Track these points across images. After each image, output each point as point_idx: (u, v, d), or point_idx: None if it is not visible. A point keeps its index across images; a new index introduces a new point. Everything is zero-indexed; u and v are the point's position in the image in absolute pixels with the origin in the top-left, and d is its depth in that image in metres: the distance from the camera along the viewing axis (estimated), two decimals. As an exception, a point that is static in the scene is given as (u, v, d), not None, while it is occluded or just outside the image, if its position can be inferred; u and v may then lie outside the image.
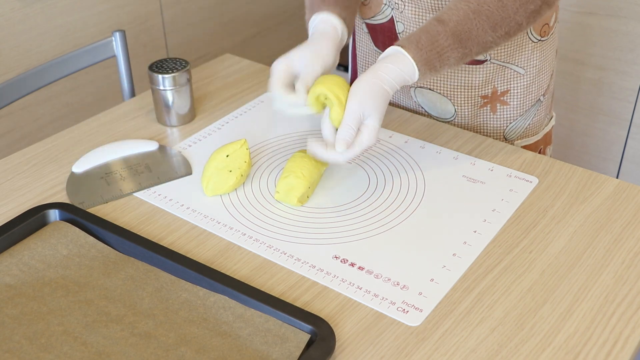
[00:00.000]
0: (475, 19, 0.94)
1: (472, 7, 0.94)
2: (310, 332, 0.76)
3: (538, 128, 1.22)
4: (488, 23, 0.94)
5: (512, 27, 0.96)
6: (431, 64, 0.94)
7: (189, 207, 0.98)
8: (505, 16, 0.95)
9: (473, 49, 0.95)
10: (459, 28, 0.94)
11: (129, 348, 0.74)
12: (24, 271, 0.84)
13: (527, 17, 0.96)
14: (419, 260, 0.88)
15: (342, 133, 0.91)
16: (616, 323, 0.79)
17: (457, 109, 1.16)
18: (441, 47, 0.93)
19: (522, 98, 1.16)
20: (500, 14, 0.94)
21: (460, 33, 0.94)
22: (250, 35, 2.46)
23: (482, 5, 0.94)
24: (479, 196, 0.99)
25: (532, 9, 0.96)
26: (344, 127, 0.91)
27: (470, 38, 0.94)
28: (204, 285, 0.82)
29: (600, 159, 2.22)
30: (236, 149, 0.99)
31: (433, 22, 0.95)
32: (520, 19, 0.95)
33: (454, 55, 0.94)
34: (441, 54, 0.94)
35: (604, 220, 0.94)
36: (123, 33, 1.39)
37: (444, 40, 0.93)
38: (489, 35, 0.95)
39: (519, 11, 0.95)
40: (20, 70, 1.81)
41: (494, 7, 0.94)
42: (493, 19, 0.94)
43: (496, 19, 0.94)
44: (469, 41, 0.94)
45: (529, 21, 0.97)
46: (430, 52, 0.93)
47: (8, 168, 1.08)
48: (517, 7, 0.95)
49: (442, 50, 0.93)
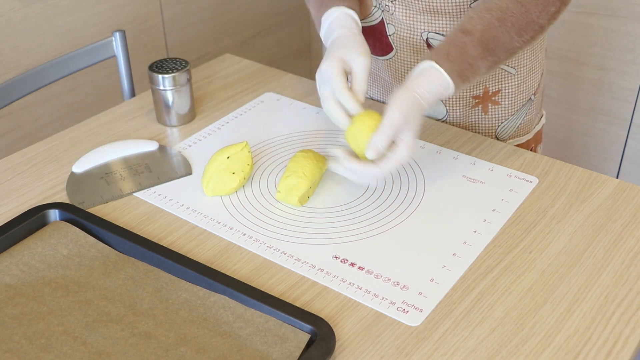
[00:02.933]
0: (500, 26, 0.94)
1: (495, 15, 0.94)
2: (310, 332, 0.76)
3: (529, 127, 1.22)
4: (514, 29, 0.94)
5: (536, 31, 0.96)
6: (464, 76, 0.93)
7: (189, 207, 0.98)
8: (529, 20, 0.95)
9: (501, 55, 0.95)
10: (485, 37, 0.93)
11: (129, 348, 0.74)
12: (24, 271, 0.84)
13: (548, 19, 0.96)
14: (419, 260, 0.88)
15: (375, 139, 0.88)
16: (616, 323, 0.79)
17: (448, 109, 1.16)
18: (471, 58, 0.93)
19: (514, 98, 1.16)
20: (524, 18, 0.94)
21: (488, 42, 0.93)
22: (250, 35, 2.46)
23: (505, 12, 0.94)
24: (479, 196, 0.99)
25: (553, 11, 0.96)
26: (379, 133, 0.88)
27: (498, 46, 0.94)
28: (204, 285, 0.82)
29: (600, 159, 2.22)
30: (237, 151, 0.99)
31: (458, 34, 0.94)
32: (543, 21, 0.96)
33: (484, 65, 0.94)
34: (472, 64, 0.93)
35: (604, 220, 0.94)
36: (123, 33, 1.39)
37: (473, 50, 0.93)
38: (515, 41, 0.95)
39: (541, 14, 0.95)
40: (20, 70, 1.81)
41: (517, 12, 0.94)
42: (518, 25, 0.94)
43: (521, 24, 0.94)
44: (497, 49, 0.94)
45: (550, 22, 0.97)
46: (462, 64, 0.92)
47: (8, 168, 1.08)
48: (539, 10, 0.95)
49: (472, 61, 0.93)
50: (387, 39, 1.13)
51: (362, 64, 0.95)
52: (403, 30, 1.10)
